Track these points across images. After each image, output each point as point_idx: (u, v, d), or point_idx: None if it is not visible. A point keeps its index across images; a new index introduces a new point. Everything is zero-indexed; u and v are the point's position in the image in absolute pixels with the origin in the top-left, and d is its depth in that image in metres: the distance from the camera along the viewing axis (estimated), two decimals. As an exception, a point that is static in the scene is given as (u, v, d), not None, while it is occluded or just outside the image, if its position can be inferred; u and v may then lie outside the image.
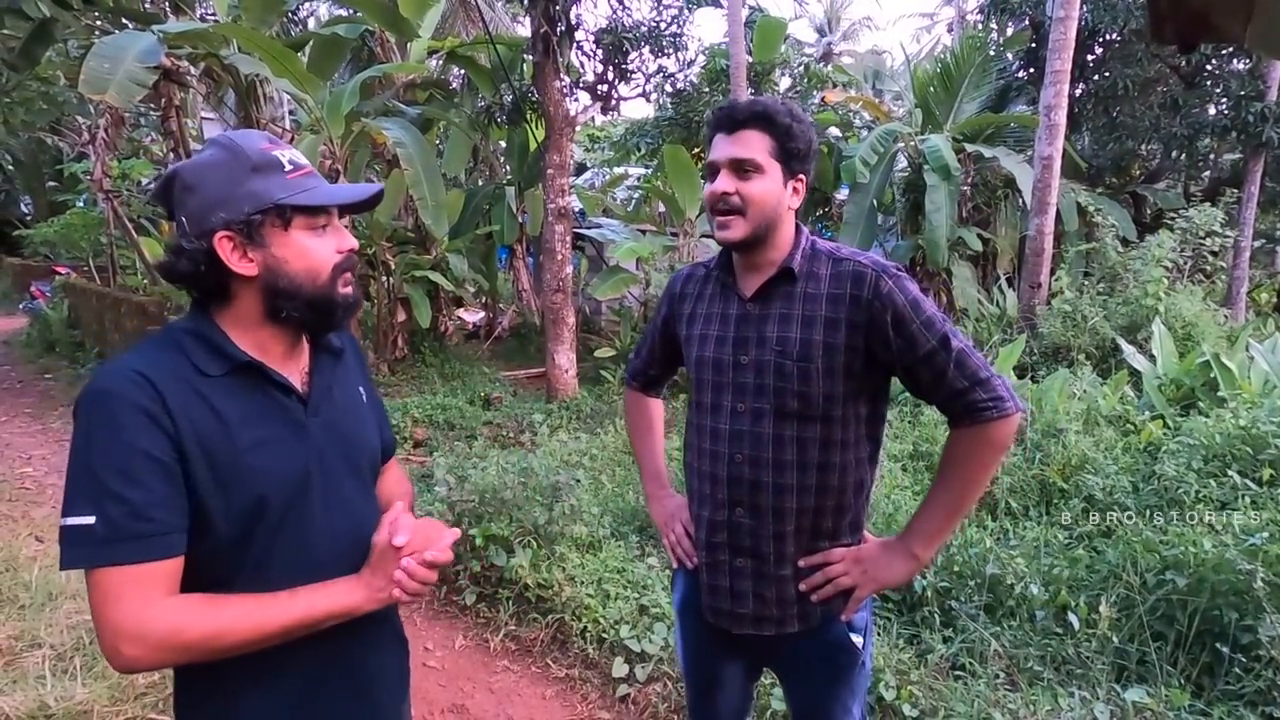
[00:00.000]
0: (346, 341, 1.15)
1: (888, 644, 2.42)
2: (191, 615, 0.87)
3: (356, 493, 1.05)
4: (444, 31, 9.58)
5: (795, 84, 9.99)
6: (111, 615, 0.84)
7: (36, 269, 13.89)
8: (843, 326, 1.22)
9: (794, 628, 1.31)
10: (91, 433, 0.86)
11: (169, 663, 0.89)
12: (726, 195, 1.24)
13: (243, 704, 0.97)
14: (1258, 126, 7.78)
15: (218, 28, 5.98)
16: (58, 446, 5.69)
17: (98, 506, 0.84)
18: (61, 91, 8.83)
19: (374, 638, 1.08)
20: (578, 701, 2.55)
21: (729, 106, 1.29)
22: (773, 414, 1.25)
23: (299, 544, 0.96)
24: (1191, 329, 5.78)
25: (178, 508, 0.88)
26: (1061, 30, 6.41)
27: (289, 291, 0.96)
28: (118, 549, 0.84)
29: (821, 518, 1.28)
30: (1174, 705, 2.08)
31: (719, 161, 1.26)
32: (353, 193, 1.01)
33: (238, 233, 0.92)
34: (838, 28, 26.54)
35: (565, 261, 6.38)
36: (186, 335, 0.95)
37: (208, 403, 0.91)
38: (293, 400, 1.00)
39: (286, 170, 0.95)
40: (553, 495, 3.25)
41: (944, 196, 7.20)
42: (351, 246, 1.01)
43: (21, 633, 2.79)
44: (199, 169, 0.95)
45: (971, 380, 1.20)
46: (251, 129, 1.13)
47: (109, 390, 0.87)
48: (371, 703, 1.08)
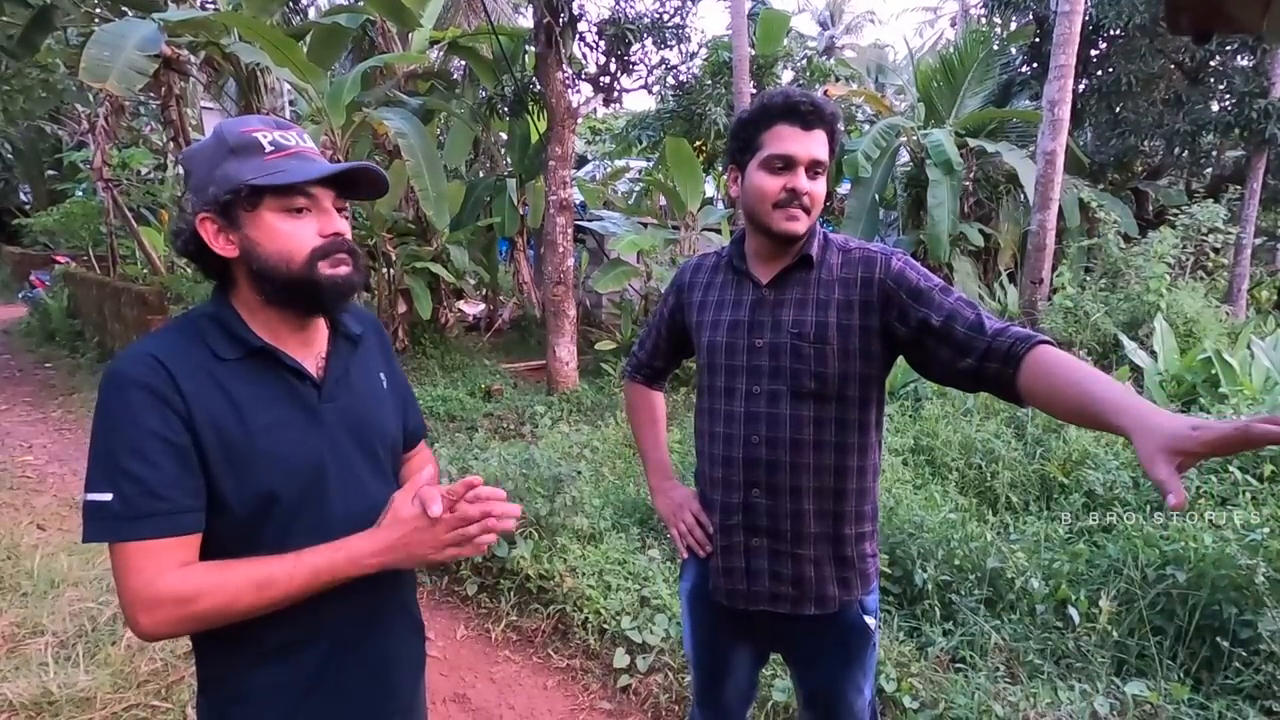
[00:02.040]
0: (369, 327, 1.15)
1: (889, 637, 2.43)
2: (203, 583, 0.89)
3: (373, 477, 1.06)
4: (446, 22, 9.54)
5: (798, 77, 9.96)
6: (128, 585, 0.88)
7: (36, 258, 13.84)
8: (857, 308, 1.25)
9: (809, 610, 1.32)
10: (108, 414, 0.90)
11: (187, 629, 0.92)
12: (805, 194, 1.25)
13: (262, 679, 0.98)
14: (1261, 123, 7.77)
15: (218, 16, 5.95)
16: (57, 435, 5.69)
17: (114, 484, 0.87)
18: (61, 79, 8.79)
19: (392, 622, 1.10)
20: (579, 692, 2.56)
21: (809, 99, 1.24)
22: (789, 395, 1.27)
23: (316, 527, 0.97)
24: (1193, 325, 5.78)
25: (191, 488, 0.90)
26: (1066, 25, 6.38)
27: (265, 273, 0.95)
28: (133, 525, 0.87)
29: (841, 500, 1.30)
30: (1173, 699, 2.08)
31: (799, 158, 1.24)
32: (320, 169, 0.96)
33: (216, 215, 0.94)
34: (840, 21, 26.44)
35: (566, 254, 6.37)
36: (205, 320, 0.97)
37: (221, 387, 0.93)
38: (306, 385, 1.01)
39: (266, 152, 0.94)
40: (554, 487, 3.26)
41: (946, 191, 7.20)
42: (336, 230, 0.98)
43: (24, 620, 2.80)
44: (190, 154, 0.98)
45: (1005, 323, 1.15)
46: (250, 115, 1.11)
47: (124, 374, 0.90)
48: (387, 685, 1.09)
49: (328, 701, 1.02)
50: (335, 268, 0.97)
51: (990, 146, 7.71)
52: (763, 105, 1.27)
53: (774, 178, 1.25)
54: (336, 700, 1.03)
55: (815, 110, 1.24)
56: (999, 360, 1.10)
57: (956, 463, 3.75)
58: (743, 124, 1.30)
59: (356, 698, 1.05)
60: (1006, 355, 1.09)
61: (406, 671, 1.14)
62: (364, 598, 1.02)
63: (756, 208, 1.28)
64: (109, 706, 2.31)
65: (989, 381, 1.13)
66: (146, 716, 2.30)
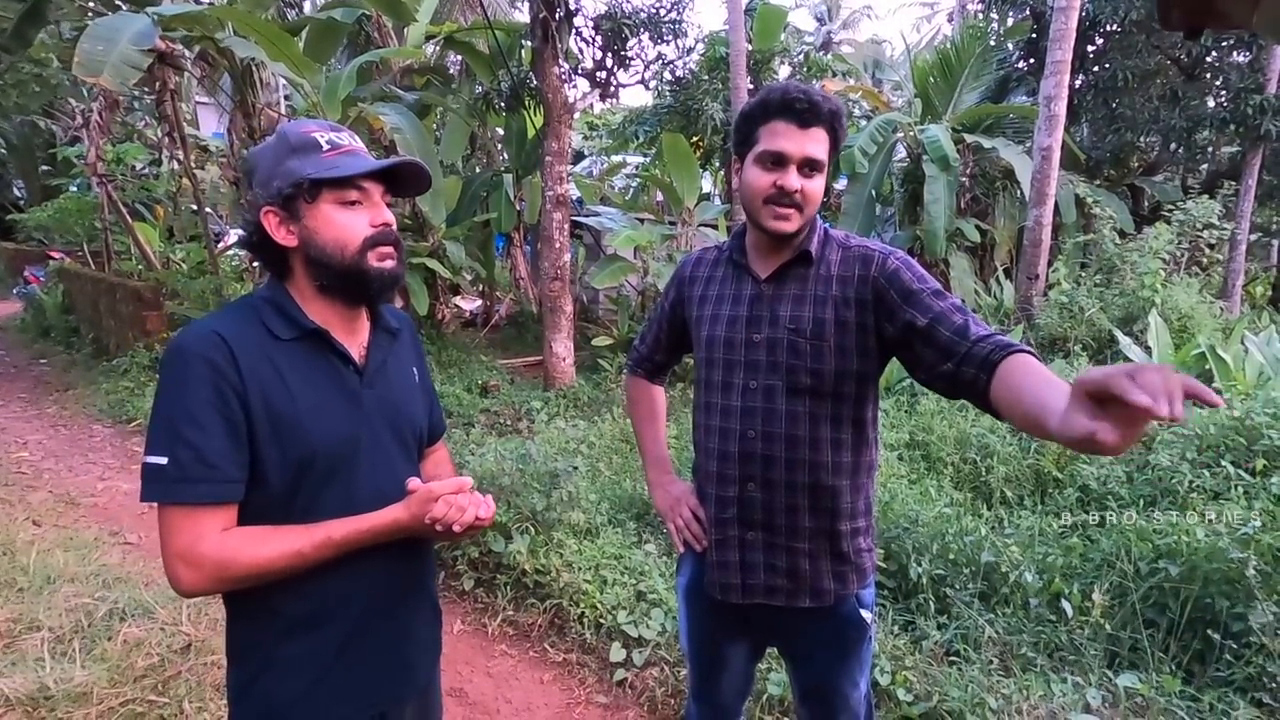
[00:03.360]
0: (404, 324, 1.24)
1: (884, 630, 2.44)
2: (240, 549, 0.97)
3: (402, 460, 1.14)
4: (442, 16, 9.50)
5: (795, 73, 9.94)
6: (173, 543, 0.96)
7: (30, 254, 13.76)
8: (853, 305, 1.26)
9: (804, 603, 1.33)
10: (170, 384, 0.97)
11: (222, 588, 1.00)
12: (796, 192, 1.24)
13: (290, 650, 1.05)
14: (1256, 119, 7.78)
15: (213, 10, 5.91)
16: (53, 431, 5.68)
17: (170, 450, 0.95)
18: (55, 74, 8.74)
19: (414, 601, 1.17)
20: (575, 685, 2.57)
21: (807, 95, 1.23)
22: (785, 390, 1.28)
23: (345, 500, 1.05)
24: (1187, 321, 5.80)
25: (238, 460, 0.98)
26: (1063, 20, 6.38)
27: (321, 261, 1.04)
28: (184, 489, 0.95)
29: (836, 496, 1.30)
30: (1165, 691, 2.10)
31: (792, 155, 1.23)
32: (373, 163, 1.06)
33: (279, 207, 1.03)
34: (837, 16, 26.41)
35: (563, 250, 6.36)
36: (264, 302, 1.06)
37: (274, 364, 1.01)
38: (350, 370, 1.09)
39: (324, 150, 1.04)
40: (551, 482, 3.26)
41: (942, 187, 7.19)
42: (385, 221, 1.08)
43: (20, 615, 2.79)
44: (254, 154, 1.08)
45: (991, 331, 1.14)
46: (307, 119, 1.25)
47: (188, 348, 0.98)
48: (406, 661, 1.16)
49: (352, 672, 1.08)
50: (382, 261, 1.07)
51: (987, 142, 7.71)
52: (762, 99, 1.27)
53: (766, 174, 1.25)
54: (361, 672, 1.09)
55: (812, 108, 1.22)
56: (975, 366, 1.08)
57: (952, 458, 3.77)
58: (743, 117, 1.31)
59: (378, 670, 1.11)
60: (983, 361, 1.07)
61: (425, 652, 1.21)
62: (388, 575, 1.10)
63: (749, 203, 1.29)
64: (106, 701, 2.31)
65: (964, 387, 1.10)
66: (144, 712, 2.30)
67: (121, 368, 6.84)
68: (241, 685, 1.06)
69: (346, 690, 1.08)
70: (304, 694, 1.05)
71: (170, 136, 7.11)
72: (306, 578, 1.01)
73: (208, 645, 2.63)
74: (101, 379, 6.85)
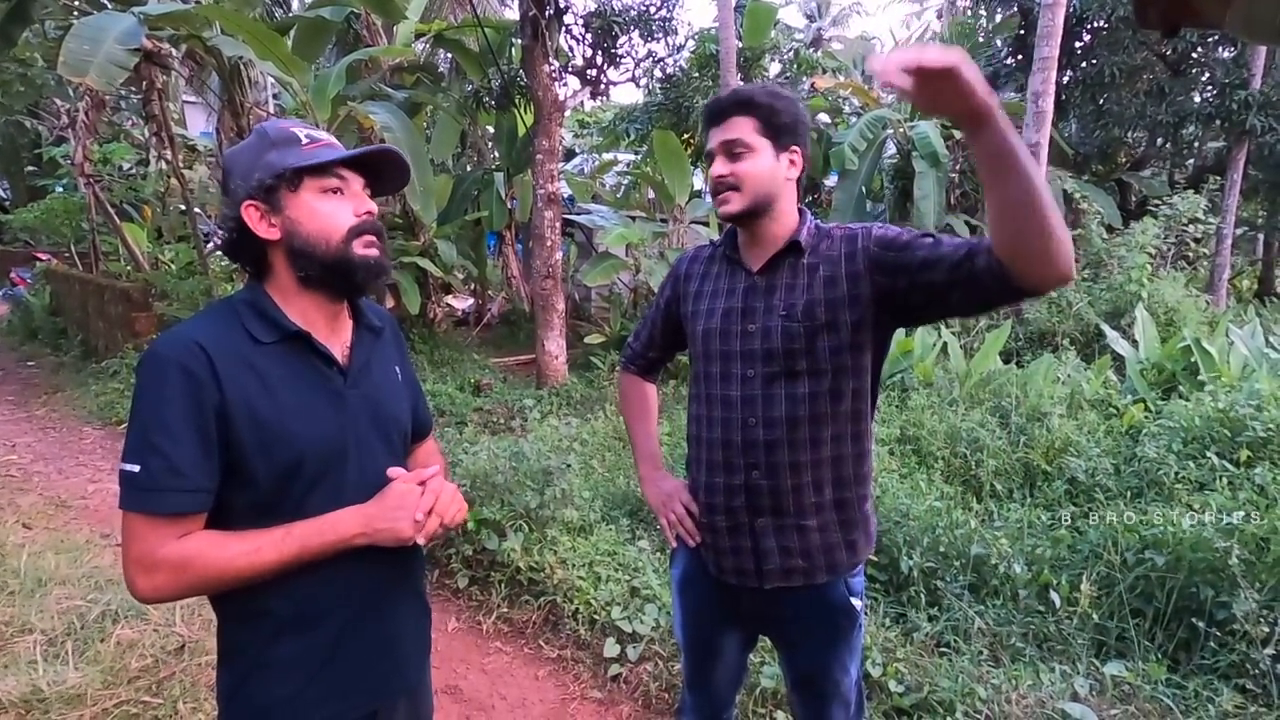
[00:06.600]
0: (387, 322, 1.23)
1: (875, 623, 2.47)
2: (198, 551, 0.96)
3: (389, 459, 1.13)
4: (431, 14, 9.45)
5: (785, 69, 9.97)
6: (132, 549, 0.95)
7: (16, 255, 13.63)
8: (844, 281, 1.29)
9: (823, 578, 1.36)
10: (145, 392, 0.96)
11: (182, 593, 0.99)
12: (723, 177, 1.32)
13: (280, 650, 1.04)
14: (1242, 114, 7.86)
15: (200, 9, 5.86)
16: (42, 434, 5.64)
17: (142, 457, 0.94)
18: (40, 73, 8.65)
19: (403, 600, 1.18)
20: (570, 681, 2.58)
21: (713, 101, 1.37)
22: (784, 376, 1.31)
23: (333, 502, 1.04)
24: (1174, 315, 5.86)
25: (208, 470, 0.96)
26: (1050, 17, 6.42)
27: (306, 252, 1.03)
28: (154, 498, 0.94)
29: (840, 465, 1.34)
30: (1151, 678, 2.13)
31: (713, 149, 1.35)
32: (352, 150, 1.06)
33: (260, 200, 1.02)
34: (827, 13, 26.41)
35: (555, 248, 6.36)
36: (243, 305, 1.04)
37: (256, 370, 1.00)
38: (334, 371, 1.08)
39: (303, 143, 1.04)
40: (544, 480, 3.27)
41: (932, 183, 7.23)
42: (369, 210, 1.07)
43: (11, 618, 2.78)
44: (233, 152, 1.07)
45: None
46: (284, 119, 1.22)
47: (165, 355, 0.96)
48: (396, 659, 1.16)
49: (342, 672, 1.08)
50: (368, 249, 1.06)
51: (976, 138, 7.75)
52: (700, 122, 1.43)
53: (710, 173, 1.36)
54: (350, 671, 1.09)
55: (720, 104, 1.34)
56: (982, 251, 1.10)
57: (942, 451, 3.80)
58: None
59: (369, 670, 1.11)
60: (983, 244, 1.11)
61: (414, 650, 1.22)
62: (376, 576, 1.10)
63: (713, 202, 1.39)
64: (99, 703, 2.30)
65: (982, 274, 1.10)
66: (138, 713, 2.30)
67: (111, 369, 6.80)
68: (232, 686, 1.06)
69: (337, 690, 1.08)
70: (295, 694, 1.05)
71: (158, 136, 7.06)
72: (296, 578, 1.00)
73: (201, 646, 2.63)
74: (91, 381, 6.81)
